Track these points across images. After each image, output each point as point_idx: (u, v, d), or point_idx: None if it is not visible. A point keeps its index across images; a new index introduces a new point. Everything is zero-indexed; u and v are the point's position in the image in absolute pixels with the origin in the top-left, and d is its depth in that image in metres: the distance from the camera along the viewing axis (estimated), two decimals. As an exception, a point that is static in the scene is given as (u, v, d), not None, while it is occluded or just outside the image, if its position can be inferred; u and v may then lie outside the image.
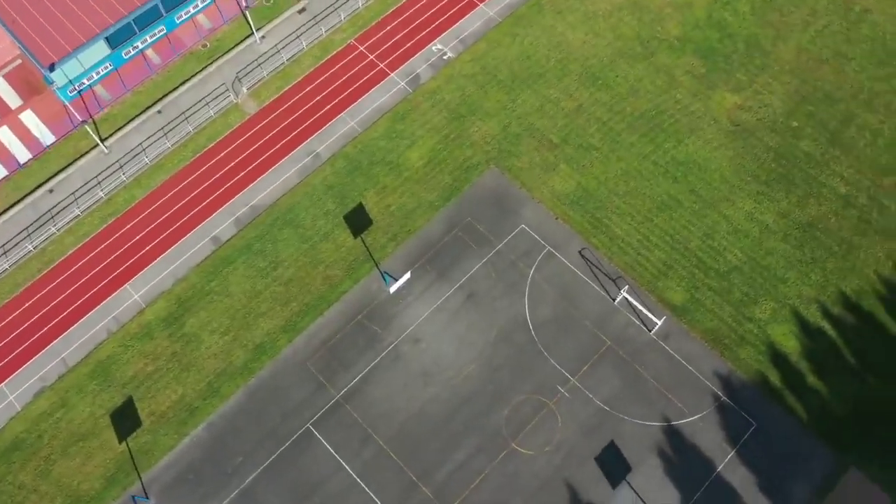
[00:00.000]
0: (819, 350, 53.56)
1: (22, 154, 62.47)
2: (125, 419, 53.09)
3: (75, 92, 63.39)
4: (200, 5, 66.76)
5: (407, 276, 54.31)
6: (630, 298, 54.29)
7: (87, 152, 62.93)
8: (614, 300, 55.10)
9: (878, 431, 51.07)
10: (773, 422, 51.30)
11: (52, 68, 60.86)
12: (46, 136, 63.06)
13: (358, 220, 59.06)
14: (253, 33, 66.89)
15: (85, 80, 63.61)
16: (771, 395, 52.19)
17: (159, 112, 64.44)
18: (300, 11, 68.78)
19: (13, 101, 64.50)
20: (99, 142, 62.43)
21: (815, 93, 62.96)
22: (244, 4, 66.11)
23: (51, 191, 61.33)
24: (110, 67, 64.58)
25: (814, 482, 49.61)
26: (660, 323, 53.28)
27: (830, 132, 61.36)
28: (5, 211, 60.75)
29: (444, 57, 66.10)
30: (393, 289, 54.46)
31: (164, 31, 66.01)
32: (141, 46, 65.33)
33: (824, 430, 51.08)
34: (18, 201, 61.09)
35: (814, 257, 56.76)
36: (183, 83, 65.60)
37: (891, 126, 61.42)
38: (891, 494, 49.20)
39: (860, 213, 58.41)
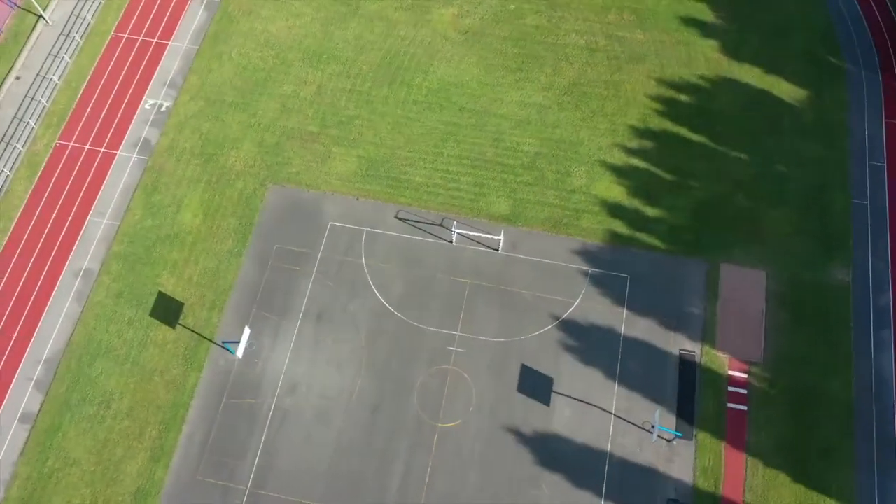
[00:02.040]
0: (640, 183, 55.53)
1: None
2: None
3: None
4: None
5: (246, 332, 49.26)
6: (463, 232, 53.03)
7: None
8: (451, 241, 53.59)
9: (721, 223, 54.00)
10: (641, 264, 52.63)
11: None
12: None
13: (168, 310, 52.70)
14: (-58, 188, 57.19)
15: None
16: (625, 243, 53.42)
17: None
18: (-17, 141, 59.71)
19: None
20: None
21: (513, -28, 64.73)
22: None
23: None
24: None
25: (701, 294, 51.62)
26: (501, 238, 52.52)
27: (545, -2, 63.49)
28: None
29: (162, 109, 60.37)
30: (240, 353, 49.23)
31: None
32: None
33: (683, 247, 53.21)
34: None
35: (592, 110, 58.57)
36: None
37: (588, -31, 64.66)
38: (757, 266, 52.37)
39: (606, 53, 61.03)
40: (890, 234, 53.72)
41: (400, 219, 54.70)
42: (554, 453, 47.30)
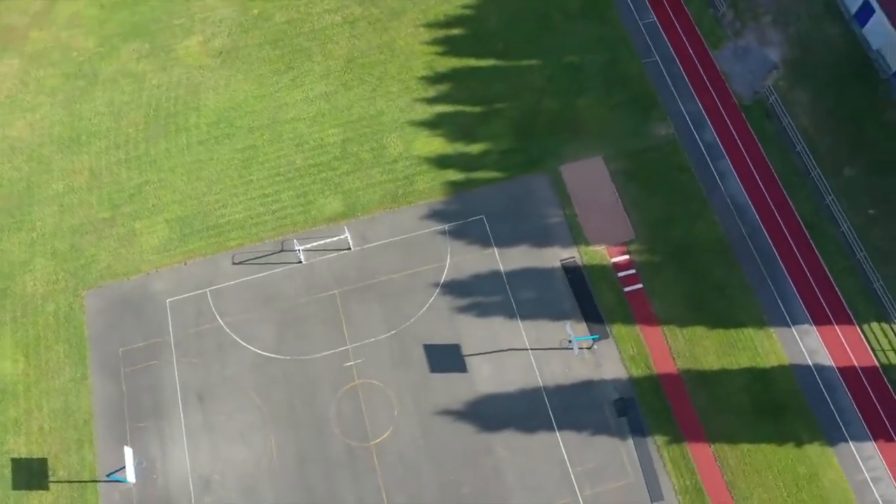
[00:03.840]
0: (453, 127, 54.40)
1: None
2: None
3: None
4: None
5: (129, 453, 43.34)
6: (308, 247, 49.55)
7: None
8: (300, 261, 49.91)
9: (542, 131, 54.02)
10: (489, 200, 51.61)
11: None
12: None
13: (31, 474, 45.22)
14: None
15: None
16: (466, 187, 52.15)
17: None
18: None
19: None
20: None
21: (240, -22, 61.23)
22: None
23: None
24: None
25: (554, 202, 51.43)
26: (347, 235, 49.55)
27: (283, -8, 60.54)
28: None
29: (-75, 266, 51.85)
30: (132, 477, 43.28)
31: None
32: None
33: (518, 167, 52.73)
34: None
35: (377, 78, 56.61)
36: None
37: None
38: (592, 154, 52.94)
39: (366, 20, 59.21)
40: (686, 76, 56.00)
41: (238, 263, 50.24)
42: (493, 413, 45.42)
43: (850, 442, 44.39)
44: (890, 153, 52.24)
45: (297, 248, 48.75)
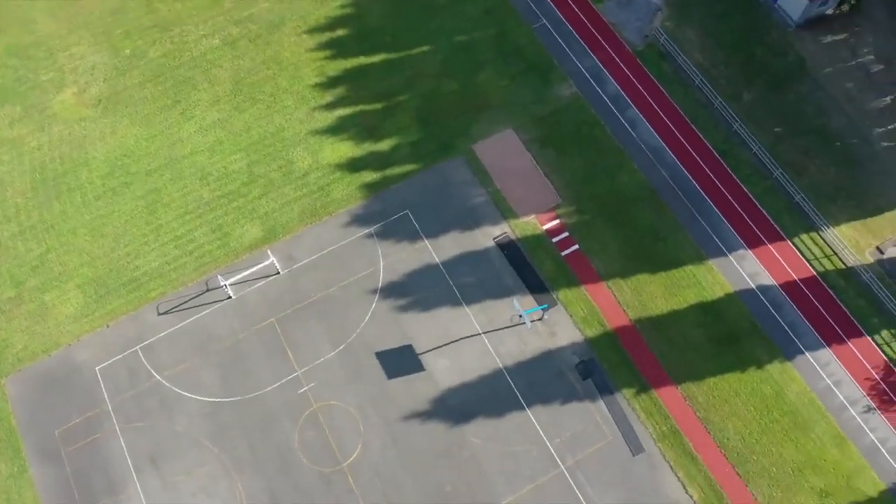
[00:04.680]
0: (358, 128, 52.97)
1: None
2: None
3: None
4: None
5: (88, 536, 40.37)
6: (234, 280, 47.23)
7: None
8: (230, 297, 47.55)
9: (447, 115, 53.16)
10: (410, 194, 50.45)
11: None
12: None
13: (-16, 585, 41.80)
14: None
15: None
16: (384, 186, 50.84)
17: None
18: None
19: None
20: None
21: (95, 22, 57.90)
22: None
23: None
24: None
25: (474, 182, 50.75)
26: (273, 260, 47.48)
27: (158, 24, 57.59)
28: None
29: None
30: (97, 561, 40.36)
31: None
32: None
33: (432, 156, 51.76)
34: None
35: (270, 93, 54.60)
36: None
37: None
38: (502, 128, 52.40)
39: (246, 38, 57.05)
40: (577, 34, 56.06)
41: (164, 313, 47.48)
42: (459, 405, 44.33)
43: (807, 353, 45.29)
44: (780, 71, 53.63)
45: (223, 283, 46.36)
